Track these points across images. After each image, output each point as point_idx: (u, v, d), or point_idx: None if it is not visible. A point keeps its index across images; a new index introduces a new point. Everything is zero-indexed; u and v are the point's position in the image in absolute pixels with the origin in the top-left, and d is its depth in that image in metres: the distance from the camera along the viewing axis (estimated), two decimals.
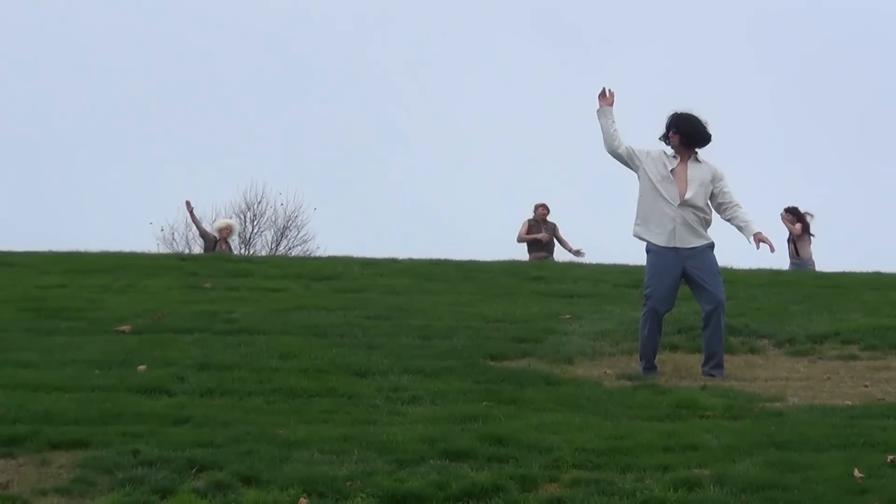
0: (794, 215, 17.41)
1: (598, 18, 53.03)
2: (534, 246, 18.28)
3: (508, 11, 51.02)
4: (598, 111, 9.18)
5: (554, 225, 18.54)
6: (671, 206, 9.03)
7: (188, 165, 45.06)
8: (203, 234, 18.83)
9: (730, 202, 9.15)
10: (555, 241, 18.51)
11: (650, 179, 9.06)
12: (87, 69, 48.87)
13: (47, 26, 47.60)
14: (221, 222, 19.60)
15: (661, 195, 9.03)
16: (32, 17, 48.98)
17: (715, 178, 9.14)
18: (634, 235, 9.19)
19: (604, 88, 9.16)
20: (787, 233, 17.38)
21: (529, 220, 18.50)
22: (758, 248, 9.04)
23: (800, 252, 17.31)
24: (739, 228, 9.16)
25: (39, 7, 49.08)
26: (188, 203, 18.70)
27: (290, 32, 51.58)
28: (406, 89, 50.45)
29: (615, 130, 9.14)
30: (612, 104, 9.16)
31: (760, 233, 9.09)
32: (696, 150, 9.17)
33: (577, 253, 18.17)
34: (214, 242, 18.12)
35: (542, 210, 18.55)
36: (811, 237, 17.48)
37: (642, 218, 9.12)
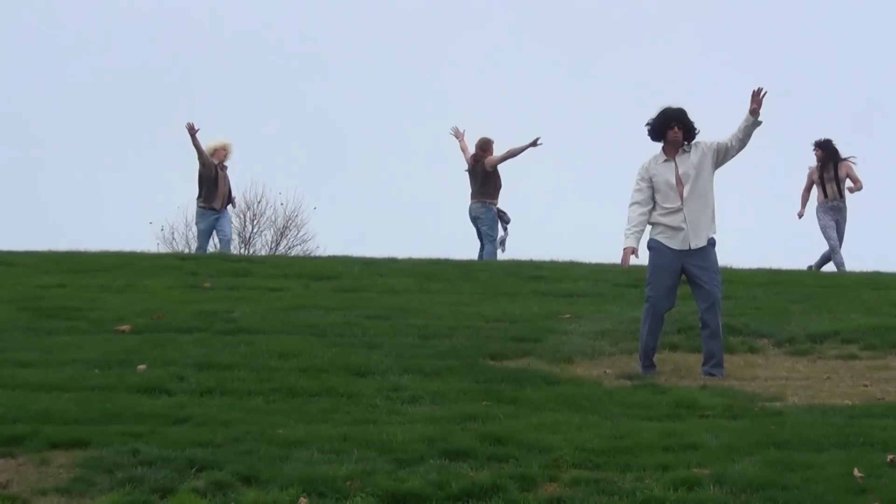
0: (821, 149, 15.54)
1: (597, 21, 53.05)
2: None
3: (510, 10, 51.04)
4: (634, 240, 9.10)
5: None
6: (678, 209, 9.05)
7: (188, 165, 44.91)
8: (204, 161, 16.32)
9: (729, 137, 9.11)
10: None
11: (656, 189, 9.10)
12: (87, 68, 48.92)
13: (47, 25, 47.66)
14: (214, 142, 16.55)
15: (668, 201, 9.05)
16: (33, 17, 49.04)
17: (708, 149, 9.12)
18: (650, 239, 9.20)
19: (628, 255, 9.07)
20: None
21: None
22: (759, 104, 8.89)
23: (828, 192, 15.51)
24: (745, 125, 9.03)
25: (40, 8, 49.13)
26: (191, 126, 15.97)
27: (289, 32, 51.61)
28: (406, 88, 50.46)
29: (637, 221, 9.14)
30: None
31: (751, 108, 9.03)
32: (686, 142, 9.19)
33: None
34: (214, 169, 16.23)
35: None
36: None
37: (655, 224, 9.15)
